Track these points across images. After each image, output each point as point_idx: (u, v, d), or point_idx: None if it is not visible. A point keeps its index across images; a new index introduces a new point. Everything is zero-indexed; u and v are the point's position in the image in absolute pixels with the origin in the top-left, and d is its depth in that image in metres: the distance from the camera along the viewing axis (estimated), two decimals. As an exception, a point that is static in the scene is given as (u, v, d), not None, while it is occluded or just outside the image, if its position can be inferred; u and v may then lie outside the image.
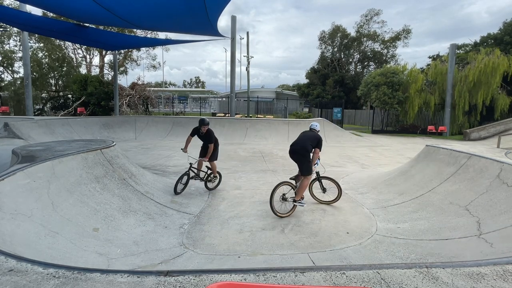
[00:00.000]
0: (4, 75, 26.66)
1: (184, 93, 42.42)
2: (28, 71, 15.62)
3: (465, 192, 4.46)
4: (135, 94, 21.38)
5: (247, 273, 1.76)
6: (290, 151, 4.81)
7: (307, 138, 4.81)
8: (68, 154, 4.27)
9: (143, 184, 5.15)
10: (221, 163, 8.67)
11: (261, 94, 32.61)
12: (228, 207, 5.03)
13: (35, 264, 1.80)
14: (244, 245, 3.71)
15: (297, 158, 4.75)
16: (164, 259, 3.32)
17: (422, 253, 3.37)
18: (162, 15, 8.61)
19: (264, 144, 12.99)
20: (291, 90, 44.73)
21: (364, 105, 32.72)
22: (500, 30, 24.76)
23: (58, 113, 21.76)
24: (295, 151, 4.72)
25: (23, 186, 3.22)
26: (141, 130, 14.89)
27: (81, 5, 7.93)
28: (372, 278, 1.75)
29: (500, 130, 16.63)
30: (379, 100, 20.54)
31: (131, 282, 1.65)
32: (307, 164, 4.66)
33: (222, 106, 31.20)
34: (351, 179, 6.98)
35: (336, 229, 4.15)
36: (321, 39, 35.74)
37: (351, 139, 14.93)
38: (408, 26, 36.67)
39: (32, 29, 12.63)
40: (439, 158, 5.66)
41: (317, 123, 5.27)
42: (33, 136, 10.02)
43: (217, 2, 7.55)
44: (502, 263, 1.93)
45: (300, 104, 33.19)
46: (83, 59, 29.04)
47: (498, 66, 17.99)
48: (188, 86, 74.16)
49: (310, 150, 4.70)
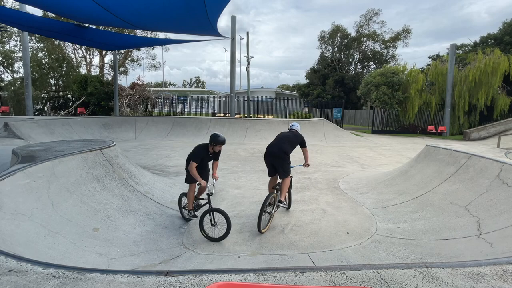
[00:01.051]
0: (4, 75, 26.69)
1: (184, 93, 42.42)
2: (28, 71, 15.63)
3: (465, 192, 4.46)
4: (135, 94, 21.38)
5: (247, 273, 1.76)
6: (266, 153, 4.51)
7: (287, 140, 4.57)
8: (68, 154, 4.27)
9: (143, 184, 5.14)
10: (221, 163, 8.65)
11: (261, 94, 32.59)
12: (228, 207, 5.02)
13: (35, 264, 1.80)
14: (244, 245, 3.71)
15: (274, 161, 4.46)
16: (164, 259, 3.32)
17: (422, 253, 3.37)
18: (162, 15, 8.60)
19: (264, 144, 12.93)
20: (291, 90, 44.74)
21: (364, 105, 32.72)
22: (500, 30, 24.77)
23: (58, 113, 21.75)
24: (273, 153, 4.44)
25: (23, 186, 3.22)
26: (141, 130, 14.89)
27: (81, 5, 7.93)
28: (372, 278, 1.75)
29: (500, 130, 16.63)
30: (379, 100, 20.54)
31: (131, 282, 1.65)
32: (286, 166, 4.43)
33: (222, 106, 31.20)
34: (351, 179, 6.98)
35: (336, 229, 4.15)
36: (321, 39, 35.76)
37: (351, 139, 14.92)
38: (408, 26, 36.74)
39: (32, 29, 12.62)
40: (439, 158, 5.66)
41: (298, 124, 5.05)
42: (33, 136, 10.02)
43: (217, 2, 7.54)
44: (502, 263, 1.93)
45: (300, 104, 33.18)
46: (83, 59, 29.06)
47: (498, 66, 17.99)
48: (188, 86, 74.20)
49: (289, 152, 4.48)
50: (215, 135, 4.05)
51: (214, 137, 4.03)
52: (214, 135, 4.06)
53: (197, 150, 4.08)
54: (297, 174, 7.52)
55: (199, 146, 4.13)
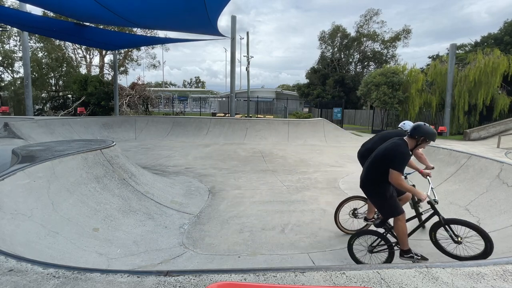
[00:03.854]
0: (4, 75, 26.68)
1: (184, 93, 42.43)
2: (28, 71, 15.62)
3: (465, 192, 4.47)
4: (135, 94, 21.38)
5: (247, 273, 1.76)
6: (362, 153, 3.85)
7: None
8: (68, 154, 4.27)
9: (143, 184, 5.14)
10: (221, 163, 8.68)
11: (261, 94, 32.59)
12: (228, 207, 5.03)
13: (35, 264, 1.80)
14: (244, 245, 3.71)
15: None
16: (164, 259, 3.32)
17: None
18: (162, 13, 8.61)
19: (264, 144, 12.99)
20: (291, 90, 44.72)
21: (364, 105, 32.72)
22: (500, 30, 24.76)
23: (58, 113, 21.74)
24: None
25: (23, 186, 3.22)
26: (141, 130, 14.88)
27: (80, 4, 7.94)
28: (372, 278, 1.75)
29: (500, 130, 16.61)
30: (379, 100, 20.53)
31: (131, 282, 1.65)
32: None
33: (222, 106, 31.19)
34: (351, 179, 6.98)
35: (336, 229, 4.15)
36: (321, 39, 35.76)
37: (351, 139, 14.92)
38: (408, 26, 36.71)
39: (32, 29, 12.62)
40: (439, 158, 5.66)
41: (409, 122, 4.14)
42: (33, 136, 10.02)
43: (217, 1, 7.55)
44: (502, 263, 1.93)
45: (300, 104, 33.17)
46: (83, 59, 29.06)
47: (497, 66, 17.97)
48: (188, 86, 74.15)
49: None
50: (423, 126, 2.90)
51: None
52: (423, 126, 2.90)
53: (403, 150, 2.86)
54: (297, 174, 7.52)
55: (402, 145, 2.89)
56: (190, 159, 9.28)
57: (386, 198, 2.96)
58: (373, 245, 3.12)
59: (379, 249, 3.09)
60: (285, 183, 6.61)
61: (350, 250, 3.13)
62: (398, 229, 2.93)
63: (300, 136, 14.18)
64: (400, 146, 2.87)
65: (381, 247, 3.08)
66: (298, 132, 14.41)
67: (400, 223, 2.90)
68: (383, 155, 2.96)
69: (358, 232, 3.15)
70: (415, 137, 2.87)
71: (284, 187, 6.30)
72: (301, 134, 14.33)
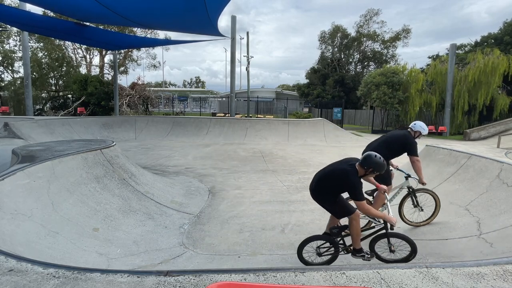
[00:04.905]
0: (4, 75, 26.68)
1: (184, 93, 42.41)
2: (28, 71, 15.62)
3: (465, 192, 4.47)
4: (135, 94, 21.37)
5: (247, 273, 1.76)
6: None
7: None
8: (68, 154, 4.27)
9: (143, 184, 5.14)
10: (221, 163, 8.68)
11: (261, 94, 32.58)
12: (228, 207, 5.03)
13: (35, 264, 1.80)
14: (244, 245, 3.71)
15: None
16: (164, 259, 3.32)
17: (422, 253, 3.36)
18: (162, 13, 8.61)
19: (264, 144, 12.99)
20: (291, 90, 44.72)
21: (364, 105, 32.71)
22: (500, 30, 24.77)
23: (58, 113, 21.73)
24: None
25: (23, 186, 3.22)
26: (141, 130, 14.89)
27: (80, 3, 7.94)
28: (372, 278, 1.75)
29: (500, 130, 16.61)
30: (379, 100, 20.53)
31: (131, 282, 1.65)
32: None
33: (222, 106, 31.18)
34: (351, 179, 6.97)
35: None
36: (321, 39, 35.74)
37: (351, 139, 14.92)
38: (408, 26, 36.73)
39: (32, 28, 12.62)
40: (439, 158, 5.66)
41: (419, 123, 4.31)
42: (33, 136, 10.01)
43: (217, 1, 7.55)
44: (502, 263, 1.93)
45: (300, 104, 33.17)
46: (83, 59, 29.06)
47: (497, 66, 17.97)
48: (188, 86, 74.10)
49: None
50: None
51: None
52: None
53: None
54: (297, 174, 7.52)
55: (352, 173, 2.94)
56: (190, 159, 9.28)
57: (336, 201, 3.07)
58: (322, 248, 3.17)
59: (326, 252, 3.16)
60: (285, 183, 6.61)
61: (300, 254, 3.16)
62: (353, 228, 3.02)
63: (300, 136, 14.18)
64: (350, 174, 2.91)
65: (328, 250, 3.15)
66: (298, 132, 14.41)
67: (354, 222, 2.99)
68: (334, 179, 3.03)
69: (309, 238, 3.19)
70: (364, 167, 2.91)
71: (284, 187, 6.31)
72: (301, 134, 14.33)
